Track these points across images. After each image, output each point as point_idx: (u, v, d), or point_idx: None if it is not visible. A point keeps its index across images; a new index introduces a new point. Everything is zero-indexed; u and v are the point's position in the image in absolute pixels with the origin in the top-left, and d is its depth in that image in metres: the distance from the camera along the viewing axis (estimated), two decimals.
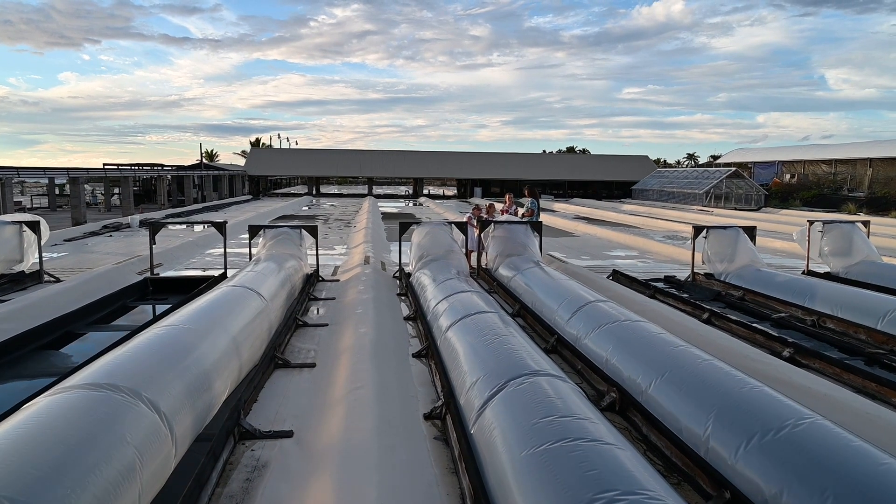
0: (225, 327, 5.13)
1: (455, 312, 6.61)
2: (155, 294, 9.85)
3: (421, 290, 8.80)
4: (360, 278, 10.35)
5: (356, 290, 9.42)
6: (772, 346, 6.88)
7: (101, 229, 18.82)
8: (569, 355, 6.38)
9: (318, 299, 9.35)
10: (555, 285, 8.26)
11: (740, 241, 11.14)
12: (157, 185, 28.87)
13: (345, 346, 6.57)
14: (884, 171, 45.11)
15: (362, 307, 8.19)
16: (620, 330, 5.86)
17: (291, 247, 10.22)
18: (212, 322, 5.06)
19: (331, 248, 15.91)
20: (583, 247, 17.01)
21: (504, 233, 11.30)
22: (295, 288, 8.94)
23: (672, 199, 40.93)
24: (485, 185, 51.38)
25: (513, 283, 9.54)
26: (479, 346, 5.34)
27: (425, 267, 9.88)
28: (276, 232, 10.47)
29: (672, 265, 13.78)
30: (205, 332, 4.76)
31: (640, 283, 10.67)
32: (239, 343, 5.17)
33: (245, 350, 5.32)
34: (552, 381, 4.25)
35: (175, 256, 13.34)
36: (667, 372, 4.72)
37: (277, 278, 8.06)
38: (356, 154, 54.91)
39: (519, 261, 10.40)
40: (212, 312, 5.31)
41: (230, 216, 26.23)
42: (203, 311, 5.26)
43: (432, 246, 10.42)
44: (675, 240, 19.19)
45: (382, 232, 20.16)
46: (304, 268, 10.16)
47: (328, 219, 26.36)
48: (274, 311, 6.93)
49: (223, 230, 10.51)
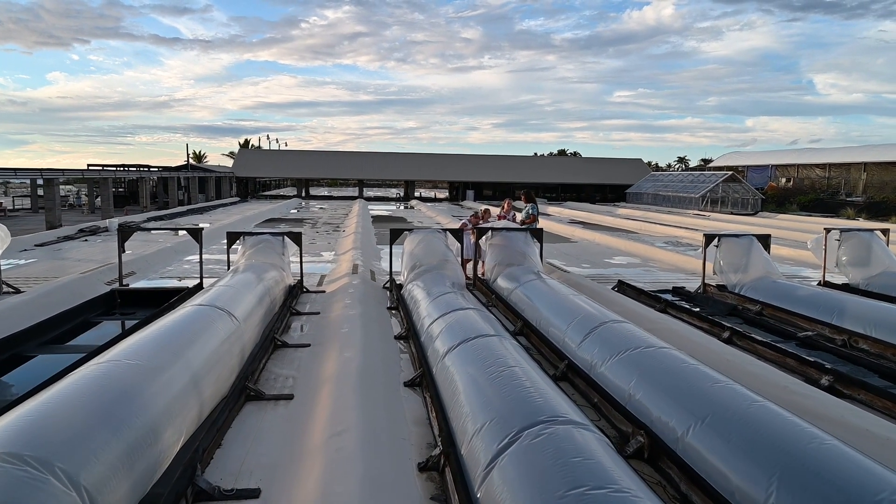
0: (184, 359, 4.32)
1: (453, 334, 5.84)
2: (123, 307, 9.00)
3: (414, 304, 8.02)
4: (348, 290, 9.56)
5: (342, 304, 8.63)
6: (806, 371, 6.16)
7: (77, 233, 17.90)
8: (582, 385, 5.62)
9: (301, 314, 8.55)
10: (561, 301, 7.50)
11: (754, 250, 10.44)
12: (141, 187, 27.91)
13: (328, 373, 5.78)
14: (878, 176, 44.86)
15: (349, 325, 7.40)
16: (644, 358, 5.11)
17: (273, 256, 9.41)
18: (167, 354, 4.26)
19: (318, 255, 15.09)
20: (582, 254, 16.29)
21: (502, 241, 10.54)
22: (275, 301, 8.14)
23: (667, 203, 40.37)
24: (477, 187, 50.62)
25: (513, 296, 8.78)
26: (482, 379, 4.58)
27: (418, 278, 9.11)
28: (257, 239, 9.65)
29: (678, 274, 13.08)
30: (156, 369, 3.95)
31: (649, 296, 9.95)
32: (200, 378, 4.37)
33: (209, 385, 4.52)
34: (576, 433, 3.49)
35: (150, 264, 12.48)
36: (709, 416, 3.97)
37: (254, 293, 7.25)
38: (347, 156, 54.04)
39: (519, 271, 9.65)
40: (168, 341, 4.50)
41: (215, 219, 25.34)
42: (157, 341, 4.45)
43: (426, 255, 9.64)
44: (676, 246, 18.53)
45: (373, 237, 19.36)
46: (286, 278, 9.35)
47: (316, 222, 25.52)
48: (248, 332, 6.13)
49: (199, 237, 9.68)
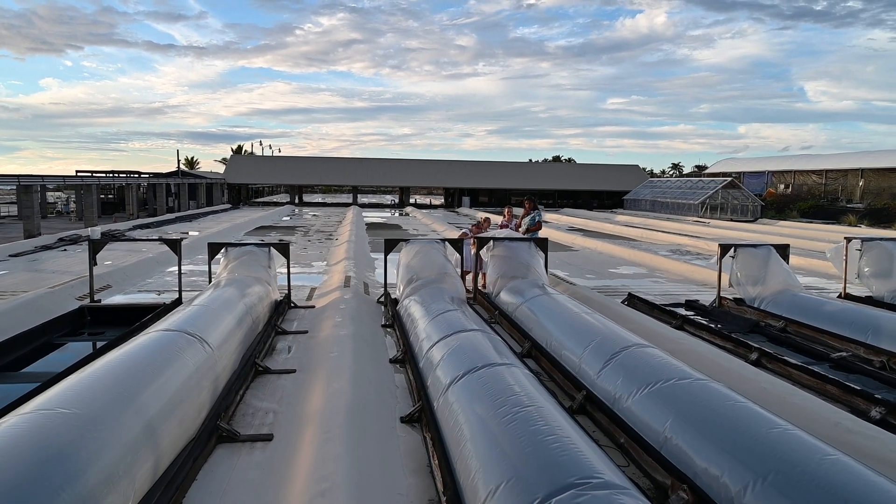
0: (137, 404, 3.60)
1: (456, 362, 5.14)
2: (92, 326, 8.25)
3: (411, 323, 7.31)
4: (339, 306, 8.84)
5: (333, 322, 7.90)
6: (852, 401, 5.48)
7: (57, 242, 17.10)
8: (604, 421, 4.91)
9: (288, 333, 7.82)
10: (573, 320, 6.80)
11: (773, 261, 9.79)
12: (127, 194, 27.08)
13: (314, 407, 5.06)
14: (875, 182, 44.45)
15: (339, 347, 6.68)
16: (680, 392, 4.41)
17: (257, 269, 8.69)
18: (116, 397, 3.54)
19: (308, 266, 14.36)
20: (585, 263, 15.61)
21: (505, 251, 9.85)
22: (258, 320, 7.41)
23: (665, 209, 39.83)
24: (473, 194, 50.02)
25: (519, 313, 8.08)
26: (493, 422, 3.88)
27: (415, 293, 8.41)
28: (240, 251, 8.93)
29: (688, 286, 12.42)
30: (98, 419, 3.23)
31: (663, 311, 9.28)
32: (158, 425, 3.65)
33: (168, 432, 3.80)
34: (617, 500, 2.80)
35: (128, 276, 11.72)
36: (771, 472, 3.28)
37: (234, 312, 6.52)
38: (341, 162, 53.33)
39: (523, 285, 8.96)
40: (120, 380, 3.76)
41: (204, 227, 24.58)
42: (106, 380, 3.71)
43: (424, 267, 8.95)
44: (681, 254, 17.90)
45: (366, 246, 18.64)
46: (271, 293, 8.63)
47: (308, 230, 24.78)
48: (224, 359, 5.40)
49: (177, 249, 8.95)
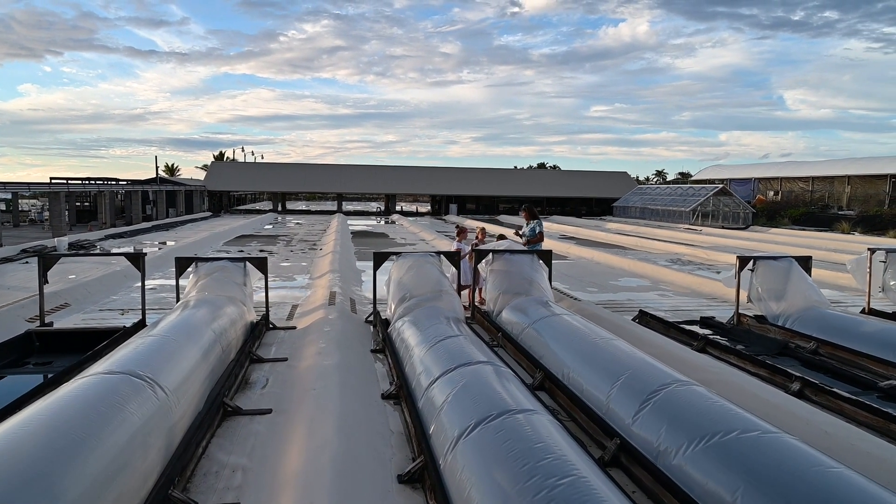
0: (49, 491, 2.65)
1: (466, 407, 4.26)
2: (41, 354, 7.22)
3: (405, 350, 6.39)
4: (323, 327, 7.91)
5: (316, 348, 6.97)
6: None
7: (19, 254, 15.94)
8: (646, 479, 4.04)
9: (264, 361, 6.87)
10: (593, 346, 5.94)
11: (795, 274, 9.03)
12: (100, 201, 25.83)
13: (292, 465, 4.13)
14: (862, 189, 44.40)
15: (322, 380, 5.76)
16: (748, 450, 3.55)
17: (231, 286, 7.75)
18: (20, 481, 2.59)
19: (290, 279, 13.39)
20: (584, 275, 14.80)
21: (506, 265, 8.99)
22: (230, 347, 6.46)
23: (656, 216, 39.29)
24: (460, 201, 49.20)
25: (526, 336, 7.20)
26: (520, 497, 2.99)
27: (409, 313, 7.51)
28: (212, 266, 7.97)
29: (697, 300, 11.64)
30: None
31: (679, 330, 8.46)
32: None
33: None
34: None
35: (91, 293, 10.68)
36: None
37: (200, 341, 5.58)
38: (325, 169, 52.26)
39: (527, 303, 8.09)
40: (29, 455, 2.81)
41: (180, 236, 23.46)
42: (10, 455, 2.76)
43: (417, 284, 8.04)
44: (682, 264, 17.17)
45: (352, 256, 17.69)
46: (246, 314, 7.68)
47: (291, 239, 23.75)
48: (182, 404, 4.46)
49: (140, 264, 7.96)
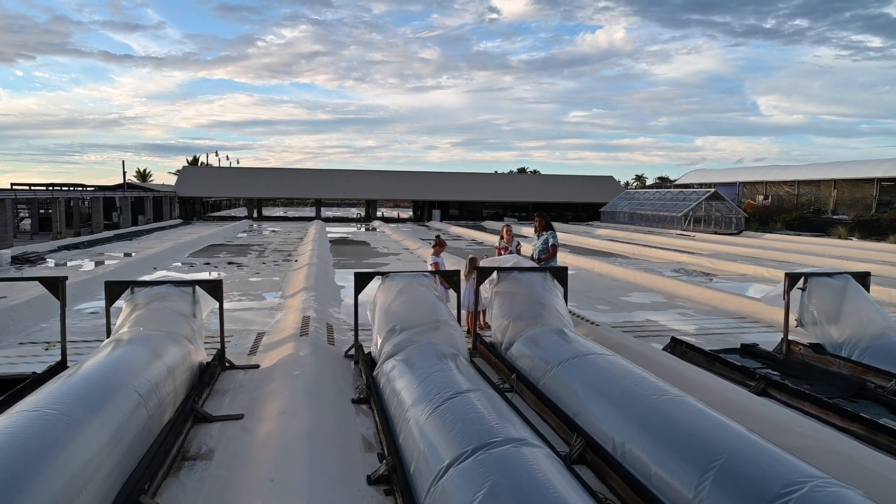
0: None
1: None
2: None
3: (399, 409, 4.82)
4: (293, 370, 6.30)
5: (281, 402, 5.38)
6: None
7: None
8: None
9: (213, 420, 5.26)
10: (651, 405, 4.42)
11: (854, 293, 7.63)
12: (55, 209, 23.76)
13: None
14: (848, 193, 43.84)
15: (287, 458, 4.18)
16: None
17: (173, 319, 6.11)
18: None
19: (259, 298, 11.72)
20: (589, 289, 13.35)
21: (514, 286, 7.47)
22: (165, 405, 4.84)
23: (646, 222, 38.14)
24: (443, 206, 47.67)
25: (550, 382, 5.66)
26: None
27: (401, 351, 5.94)
28: (151, 293, 6.33)
29: (723, 320, 10.24)
30: None
31: (724, 363, 7.01)
32: None
33: None
34: None
35: (16, 320, 8.92)
36: None
37: (113, 412, 3.96)
38: (303, 174, 50.31)
39: (545, 336, 6.57)
40: None
41: (143, 246, 21.58)
42: None
43: (409, 313, 6.48)
44: (690, 275, 15.82)
45: (331, 269, 16.06)
46: (193, 354, 6.04)
47: (265, 249, 22.00)
48: None
49: (59, 292, 6.28)
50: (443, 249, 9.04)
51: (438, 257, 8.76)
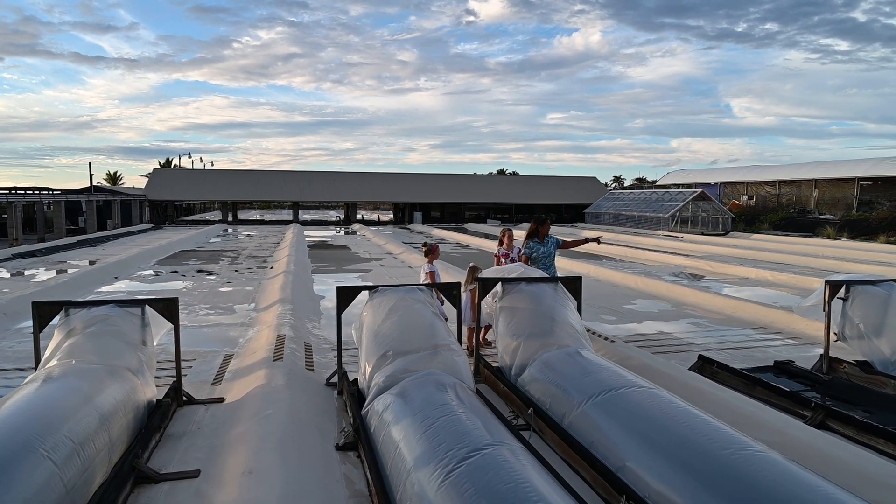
0: None
1: None
2: None
3: (398, 468, 3.78)
4: (265, 407, 5.21)
5: (248, 456, 4.30)
6: None
7: None
8: None
9: (159, 480, 4.16)
10: (719, 459, 3.45)
11: None
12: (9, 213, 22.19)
13: None
14: (829, 192, 43.80)
15: None
16: None
17: (115, 347, 4.99)
18: None
19: (228, 312, 10.55)
20: (590, 296, 12.33)
21: (523, 300, 6.45)
22: (96, 463, 3.75)
23: (631, 223, 37.52)
24: (424, 208, 46.60)
25: (580, 422, 4.64)
26: None
27: (395, 384, 4.89)
28: (90, 316, 5.20)
29: (742, 330, 9.37)
30: None
31: (765, 386, 6.09)
32: None
33: None
34: None
35: None
36: None
37: (22, 484, 2.87)
38: (280, 175, 48.85)
39: (566, 361, 5.56)
40: None
41: (106, 253, 20.17)
42: None
43: (404, 336, 5.43)
44: (690, 279, 15.00)
45: (309, 276, 14.93)
46: (140, 390, 4.92)
47: (238, 255, 20.75)
48: None
49: None
50: (436, 257, 7.99)
51: (433, 266, 7.71)
